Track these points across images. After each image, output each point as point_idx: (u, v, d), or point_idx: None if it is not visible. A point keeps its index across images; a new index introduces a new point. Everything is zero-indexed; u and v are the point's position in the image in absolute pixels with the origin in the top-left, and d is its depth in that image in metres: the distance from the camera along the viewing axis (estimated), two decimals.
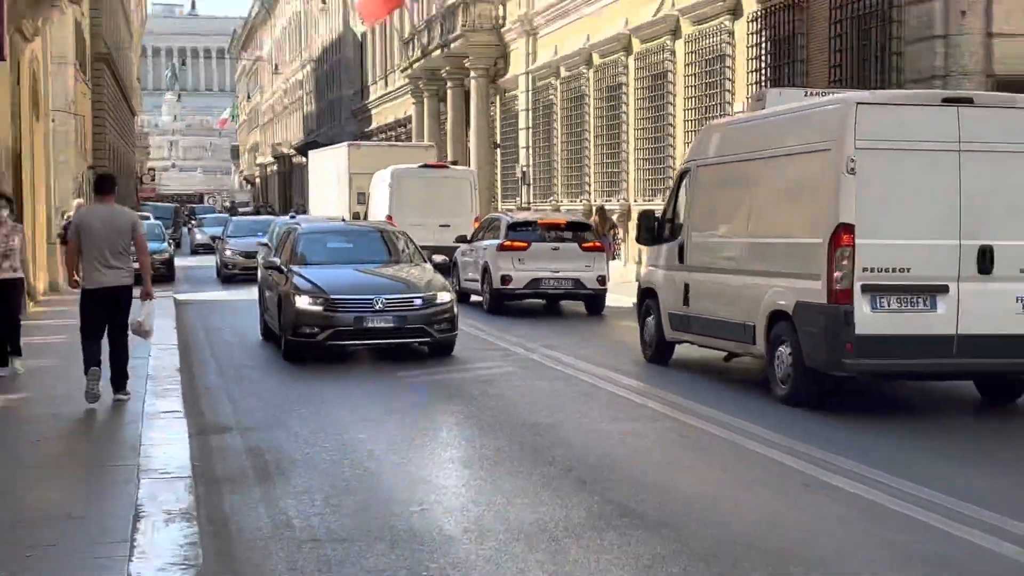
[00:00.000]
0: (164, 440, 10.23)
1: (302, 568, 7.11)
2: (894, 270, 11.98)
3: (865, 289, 11.84)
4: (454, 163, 39.80)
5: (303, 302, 15.82)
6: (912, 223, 12.05)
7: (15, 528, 7.56)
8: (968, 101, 12.52)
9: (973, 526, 7.89)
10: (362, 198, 35.75)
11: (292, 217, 29.30)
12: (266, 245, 25.86)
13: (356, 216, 32.65)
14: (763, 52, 24.34)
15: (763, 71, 24.33)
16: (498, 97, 43.10)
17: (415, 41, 49.89)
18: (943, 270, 12.00)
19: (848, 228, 11.78)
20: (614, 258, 28.42)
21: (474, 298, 23.95)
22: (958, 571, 7.10)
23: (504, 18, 41.72)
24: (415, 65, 49.65)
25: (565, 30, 35.95)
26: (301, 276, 16.58)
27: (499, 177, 43.50)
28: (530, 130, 39.20)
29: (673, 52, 28.57)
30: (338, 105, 77.69)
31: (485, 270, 23.21)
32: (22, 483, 8.91)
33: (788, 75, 23.51)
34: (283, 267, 17.25)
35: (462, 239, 25.52)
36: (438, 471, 9.71)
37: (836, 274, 11.83)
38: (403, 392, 13.97)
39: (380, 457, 10.33)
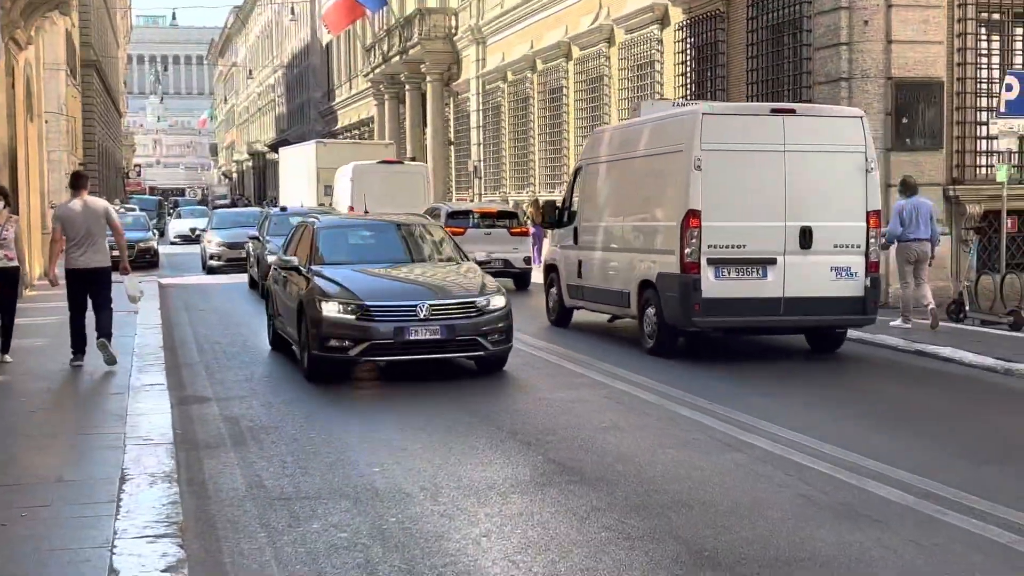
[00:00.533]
0: (148, 410, 10.19)
1: (273, 524, 7.10)
2: (732, 247, 13.71)
3: (710, 262, 13.56)
4: (412, 159, 40.14)
5: (331, 310, 12.09)
6: (747, 209, 13.71)
7: (11, 491, 7.50)
8: (791, 112, 14.43)
9: (863, 473, 8.03)
10: (328, 190, 35.67)
11: (283, 209, 28.60)
12: (256, 238, 25.24)
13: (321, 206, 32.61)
14: (688, 58, 24.41)
15: (688, 75, 24.40)
16: (452, 99, 43.02)
17: (376, 48, 49.76)
18: (772, 246, 13.75)
19: (695, 213, 13.45)
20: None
21: None
22: (859, 512, 7.19)
23: (456, 28, 41.65)
24: (376, 70, 49.54)
25: (511, 38, 35.92)
26: (327, 279, 12.72)
27: (453, 171, 43.47)
28: (481, 128, 39.14)
29: (608, 58, 28.59)
30: (307, 106, 77.29)
31: None
32: (19, 450, 8.83)
33: (711, 78, 23.59)
34: (301, 268, 13.51)
35: None
36: (397, 436, 9.69)
37: (686, 250, 13.54)
38: (364, 366, 13.95)
39: (345, 424, 10.32)
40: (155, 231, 39.75)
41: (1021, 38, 19.68)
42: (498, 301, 12.68)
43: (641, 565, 6.24)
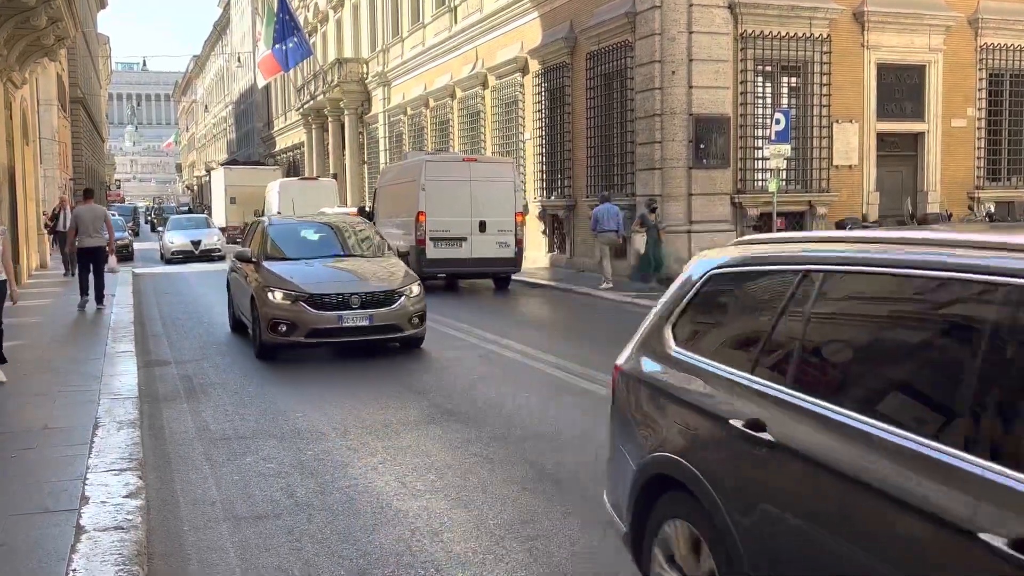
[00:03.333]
0: (119, 372, 9.88)
1: (215, 458, 6.95)
2: (443, 231, 18.72)
3: (430, 239, 18.68)
4: (334, 176, 40.72)
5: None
6: (450, 211, 18.42)
7: (4, 437, 7.21)
8: (474, 160, 20.01)
9: None
10: (233, 200, 42.28)
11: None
12: None
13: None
14: (543, 99, 24.49)
15: (543, 112, 24.49)
16: (364, 128, 42.48)
17: (305, 88, 48.87)
18: (464, 231, 18.77)
19: (422, 213, 18.43)
20: None
21: None
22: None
23: (367, 73, 41.12)
24: (306, 105, 48.66)
25: (410, 82, 35.57)
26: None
27: (367, 185, 42.94)
28: (388, 151, 38.73)
29: (483, 98, 28.52)
30: (252, 133, 75.49)
31: None
32: (12, 406, 8.49)
33: (560, 115, 23.72)
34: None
35: None
36: (317, 390, 9.57)
37: (418, 233, 18.67)
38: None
39: (276, 381, 10.15)
40: (130, 231, 38.94)
41: (786, 85, 20.20)
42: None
43: (499, 481, 6.27)
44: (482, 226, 18.68)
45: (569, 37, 22.78)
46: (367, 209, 22.99)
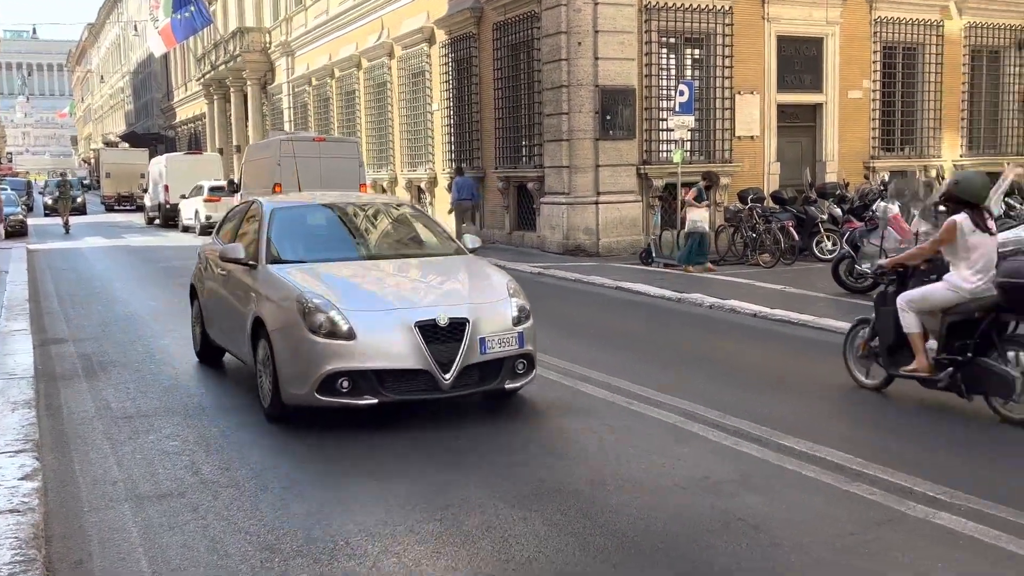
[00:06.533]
0: (14, 351, 9.49)
1: (116, 437, 6.77)
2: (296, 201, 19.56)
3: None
4: (238, 148, 40.08)
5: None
6: (303, 183, 18.85)
7: None
8: (323, 139, 21.81)
9: None
10: (108, 175, 49.68)
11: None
12: None
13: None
14: (450, 69, 24.32)
15: (451, 83, 24.33)
16: (268, 100, 41.56)
17: (206, 58, 47.51)
18: (313, 199, 19.04)
19: (278, 184, 18.88)
20: None
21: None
22: (573, 406, 7.36)
23: (270, 43, 40.19)
24: (207, 76, 47.33)
25: (314, 52, 34.90)
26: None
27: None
28: (293, 123, 37.98)
29: (390, 68, 28.18)
30: (151, 104, 73.14)
31: (196, 213, 30.29)
32: None
33: (468, 85, 23.60)
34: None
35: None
36: (220, 367, 9.38)
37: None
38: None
39: (180, 358, 9.91)
40: (24, 206, 37.44)
41: (690, 56, 20.45)
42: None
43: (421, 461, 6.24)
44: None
45: (475, 7, 22.62)
46: (235, 182, 24.75)
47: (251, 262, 7.79)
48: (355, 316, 6.71)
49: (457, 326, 6.76)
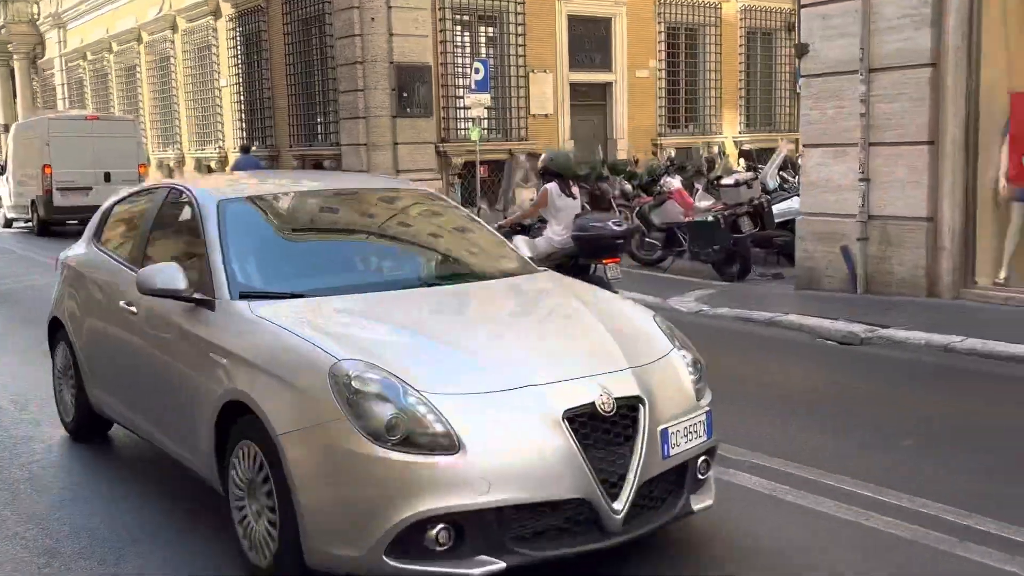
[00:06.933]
0: None
1: None
2: (68, 182, 20.08)
3: (57, 188, 20.09)
4: (5, 127, 36.94)
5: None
6: (76, 164, 19.47)
7: None
8: (96, 118, 21.84)
9: None
10: None
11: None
12: None
13: None
14: (239, 43, 23.41)
15: (240, 58, 23.43)
16: (39, 75, 38.71)
17: None
18: (90, 181, 20.08)
19: (48, 166, 19.41)
20: None
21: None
22: None
23: (39, 14, 37.39)
24: None
25: (89, 25, 32.71)
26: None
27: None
28: (67, 100, 35.57)
29: (173, 42, 26.82)
30: None
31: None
32: None
33: (257, 61, 22.81)
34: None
35: None
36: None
37: (44, 184, 20.05)
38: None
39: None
40: None
41: (484, 35, 20.57)
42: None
43: None
44: (107, 177, 20.16)
45: None
46: (3, 164, 24.10)
47: (199, 296, 4.28)
48: (452, 405, 3.39)
49: (625, 412, 3.60)
